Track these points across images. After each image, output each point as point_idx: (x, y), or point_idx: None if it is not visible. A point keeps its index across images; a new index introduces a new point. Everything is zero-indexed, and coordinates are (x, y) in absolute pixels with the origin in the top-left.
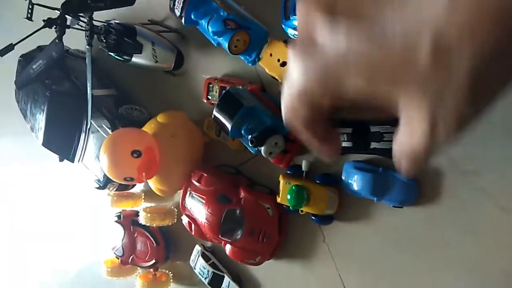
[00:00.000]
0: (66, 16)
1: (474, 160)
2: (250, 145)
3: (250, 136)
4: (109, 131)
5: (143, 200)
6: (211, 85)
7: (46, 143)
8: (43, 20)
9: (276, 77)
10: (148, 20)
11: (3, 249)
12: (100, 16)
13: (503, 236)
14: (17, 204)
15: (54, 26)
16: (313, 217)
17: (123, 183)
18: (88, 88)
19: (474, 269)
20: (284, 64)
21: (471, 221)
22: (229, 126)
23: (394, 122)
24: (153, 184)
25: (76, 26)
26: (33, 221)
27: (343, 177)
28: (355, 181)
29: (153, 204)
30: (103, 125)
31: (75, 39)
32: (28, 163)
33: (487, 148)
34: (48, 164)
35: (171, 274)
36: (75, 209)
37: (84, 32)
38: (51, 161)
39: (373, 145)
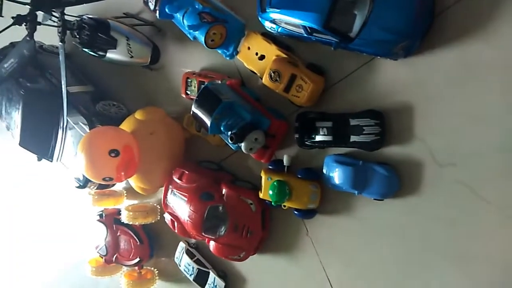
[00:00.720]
0: (38, 12)
1: (453, 152)
2: (230, 141)
3: (229, 133)
4: (86, 128)
5: (125, 198)
6: (189, 80)
7: (23, 143)
8: (12, 17)
9: (255, 71)
10: (123, 13)
11: None
12: (73, 11)
13: (483, 226)
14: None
15: (24, 23)
16: (296, 212)
17: (102, 183)
18: (63, 86)
19: (455, 259)
20: (262, 57)
21: (450, 212)
22: (208, 122)
23: (373, 115)
24: (134, 182)
25: (48, 22)
26: (14, 223)
27: (324, 171)
28: (336, 175)
29: (135, 202)
30: (79, 122)
31: (49, 34)
32: (5, 164)
33: (465, 140)
34: (26, 164)
35: (156, 271)
36: (57, 209)
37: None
38: (30, 161)
39: (353, 138)
